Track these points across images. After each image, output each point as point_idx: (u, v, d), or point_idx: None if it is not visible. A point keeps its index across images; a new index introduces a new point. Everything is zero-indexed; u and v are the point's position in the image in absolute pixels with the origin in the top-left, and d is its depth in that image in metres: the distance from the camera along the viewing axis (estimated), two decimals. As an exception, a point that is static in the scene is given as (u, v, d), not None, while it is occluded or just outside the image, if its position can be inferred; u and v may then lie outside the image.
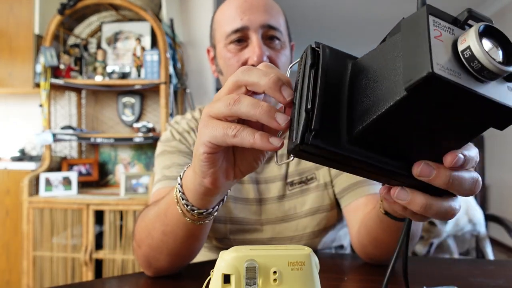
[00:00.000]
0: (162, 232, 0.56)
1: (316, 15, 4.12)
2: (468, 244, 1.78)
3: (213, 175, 0.43)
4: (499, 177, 3.67)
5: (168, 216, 0.54)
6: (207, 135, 0.39)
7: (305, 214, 0.80)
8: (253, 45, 0.75)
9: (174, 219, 0.53)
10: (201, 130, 0.41)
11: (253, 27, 0.75)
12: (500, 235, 3.29)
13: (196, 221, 0.50)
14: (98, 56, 2.19)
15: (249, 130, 0.37)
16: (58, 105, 2.29)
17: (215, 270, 0.39)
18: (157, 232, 0.57)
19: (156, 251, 0.59)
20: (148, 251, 0.60)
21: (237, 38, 0.76)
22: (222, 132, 0.38)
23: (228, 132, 0.37)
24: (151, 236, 0.59)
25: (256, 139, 0.36)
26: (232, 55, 0.77)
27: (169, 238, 0.56)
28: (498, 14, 3.79)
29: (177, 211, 0.50)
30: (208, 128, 0.39)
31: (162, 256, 0.59)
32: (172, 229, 0.54)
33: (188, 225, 0.52)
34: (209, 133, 0.39)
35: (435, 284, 0.59)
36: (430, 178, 0.33)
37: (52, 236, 1.96)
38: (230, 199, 0.80)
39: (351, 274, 0.69)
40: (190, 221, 0.50)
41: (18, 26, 2.28)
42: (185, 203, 0.48)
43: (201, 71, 2.50)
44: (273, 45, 0.77)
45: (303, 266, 0.39)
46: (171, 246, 0.57)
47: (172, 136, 0.83)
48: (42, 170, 2.05)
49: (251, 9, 0.76)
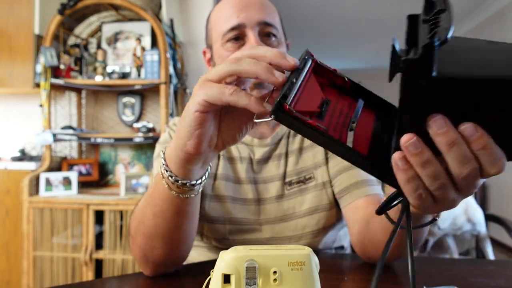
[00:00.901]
0: (153, 215, 0.57)
1: (316, 15, 4.12)
2: (468, 244, 1.78)
3: (198, 137, 0.45)
4: (499, 177, 3.64)
5: (156, 196, 0.55)
6: (203, 94, 0.42)
7: (304, 214, 0.80)
8: (250, 41, 0.75)
9: (161, 197, 0.54)
10: (195, 91, 0.43)
11: (249, 24, 0.75)
12: (500, 235, 3.29)
13: (181, 194, 0.52)
14: (98, 56, 2.19)
15: (245, 92, 0.41)
16: (58, 105, 2.29)
17: (215, 270, 0.39)
18: (148, 217, 0.58)
19: (150, 238, 0.60)
20: (143, 241, 0.61)
21: (234, 36, 0.76)
22: (218, 90, 0.41)
23: (224, 91, 0.41)
24: (143, 223, 0.60)
25: (251, 100, 0.40)
26: (229, 53, 0.77)
27: (160, 220, 0.57)
28: (498, 14, 3.79)
29: (163, 188, 0.52)
30: (204, 88, 0.42)
31: (157, 242, 0.60)
32: (161, 209, 0.56)
33: (174, 200, 0.54)
34: (205, 92, 0.42)
35: (435, 284, 0.59)
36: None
37: (52, 236, 1.96)
38: (229, 200, 0.80)
39: (351, 274, 0.69)
40: (175, 195, 0.52)
41: (18, 26, 2.28)
42: (169, 174, 0.50)
43: (201, 71, 2.50)
44: (270, 42, 0.78)
45: (303, 266, 0.39)
46: (163, 228, 0.58)
47: (170, 138, 0.83)
48: (42, 170, 2.05)
49: (247, 7, 0.76)
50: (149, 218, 0.58)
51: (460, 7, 3.95)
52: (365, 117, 0.41)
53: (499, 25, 3.77)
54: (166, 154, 0.52)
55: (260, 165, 0.83)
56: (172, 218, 0.57)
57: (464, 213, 1.61)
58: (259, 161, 0.83)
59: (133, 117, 2.34)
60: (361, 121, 0.40)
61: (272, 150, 0.84)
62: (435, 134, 0.32)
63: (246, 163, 0.82)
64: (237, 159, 0.83)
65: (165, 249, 0.61)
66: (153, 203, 0.57)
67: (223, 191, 0.80)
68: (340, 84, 0.43)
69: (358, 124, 0.39)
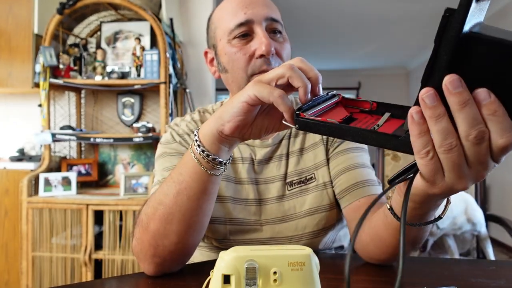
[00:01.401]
0: (177, 192, 0.59)
1: (318, 13, 4.12)
2: (469, 245, 1.77)
3: (237, 122, 0.52)
4: (499, 177, 3.67)
5: (183, 173, 0.59)
6: (255, 90, 0.49)
7: (305, 214, 0.80)
8: (259, 36, 0.75)
9: (189, 173, 0.58)
10: (248, 87, 0.50)
11: (257, 20, 0.75)
12: (500, 235, 3.30)
13: (209, 170, 0.57)
14: (98, 56, 2.19)
15: (288, 98, 0.48)
16: (58, 105, 2.29)
17: (215, 270, 0.39)
18: (170, 196, 0.60)
19: (167, 221, 0.60)
20: (158, 226, 0.61)
21: (242, 32, 0.76)
22: (269, 90, 0.48)
23: (274, 93, 0.48)
24: (163, 204, 0.60)
25: (290, 108, 0.47)
26: (237, 49, 0.76)
27: (183, 197, 0.59)
28: (498, 14, 3.79)
29: (192, 164, 0.57)
30: (256, 86, 0.49)
31: (174, 226, 0.60)
32: (187, 185, 0.58)
33: (202, 176, 0.57)
34: (257, 89, 0.49)
35: (436, 284, 0.59)
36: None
37: (51, 236, 1.96)
38: (230, 200, 0.80)
39: (351, 274, 0.69)
40: (204, 170, 0.56)
41: (17, 25, 2.28)
42: (201, 149, 0.55)
43: (201, 71, 2.50)
44: (276, 38, 0.78)
45: (303, 267, 0.39)
46: (185, 207, 0.59)
47: (172, 138, 0.83)
48: (41, 170, 2.05)
49: (252, 4, 0.76)
50: (170, 197, 0.59)
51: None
52: (391, 123, 0.44)
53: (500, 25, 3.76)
54: (200, 132, 0.57)
55: (261, 165, 0.83)
56: (196, 196, 0.59)
57: (463, 213, 1.61)
58: (260, 161, 0.83)
59: (132, 117, 2.33)
60: (386, 125, 0.44)
61: (273, 150, 0.84)
62: (449, 93, 0.33)
63: (248, 163, 0.82)
64: (239, 159, 0.83)
65: (178, 236, 0.61)
66: (179, 181, 0.59)
67: (224, 192, 0.79)
68: (368, 108, 0.48)
69: (382, 126, 0.44)
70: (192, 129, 0.85)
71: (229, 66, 0.78)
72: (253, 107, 0.51)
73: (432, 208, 0.49)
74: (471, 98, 0.33)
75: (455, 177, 0.37)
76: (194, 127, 0.85)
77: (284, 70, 0.49)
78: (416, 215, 0.50)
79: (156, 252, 0.62)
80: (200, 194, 0.59)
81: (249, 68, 0.76)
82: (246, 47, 0.76)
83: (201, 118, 0.88)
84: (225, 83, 0.83)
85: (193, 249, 0.66)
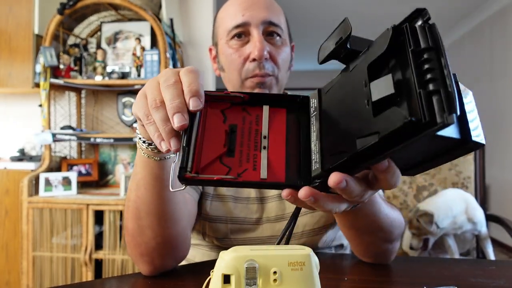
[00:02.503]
0: (136, 185, 0.58)
1: (318, 13, 4.11)
2: (469, 245, 1.77)
3: None
4: (499, 177, 3.66)
5: (137, 164, 0.57)
6: (140, 129, 0.50)
7: (305, 212, 0.80)
8: (254, 40, 0.76)
9: (140, 164, 0.56)
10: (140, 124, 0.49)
11: (254, 23, 0.76)
12: (500, 235, 3.29)
13: (154, 156, 0.53)
14: (98, 56, 2.19)
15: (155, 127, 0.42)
16: (58, 105, 2.29)
17: (215, 270, 0.39)
18: (132, 191, 0.59)
19: (137, 217, 0.59)
20: (133, 224, 0.60)
21: (237, 32, 0.77)
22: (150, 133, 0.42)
23: (154, 136, 0.42)
24: (129, 200, 0.60)
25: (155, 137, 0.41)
26: (233, 50, 0.78)
27: (142, 190, 0.58)
28: (498, 14, 3.79)
29: (140, 153, 0.55)
30: (140, 128, 0.50)
31: (145, 220, 0.59)
32: (141, 176, 0.57)
33: (150, 164, 0.55)
34: (141, 130, 0.50)
35: (435, 284, 0.59)
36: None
37: (51, 236, 1.96)
38: (231, 199, 0.80)
39: (351, 274, 0.69)
40: (147, 157, 0.54)
41: (17, 26, 2.28)
42: (138, 137, 0.52)
43: (201, 70, 2.50)
44: (274, 41, 0.78)
45: (303, 266, 0.39)
46: (147, 199, 0.58)
47: None
48: (41, 170, 2.05)
49: (253, 6, 0.77)
50: (133, 192, 0.59)
51: (460, 6, 3.95)
52: (275, 121, 0.42)
53: (499, 25, 3.77)
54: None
55: None
56: (151, 185, 0.57)
57: (464, 213, 1.61)
58: None
59: (132, 117, 2.33)
60: (272, 130, 0.41)
61: None
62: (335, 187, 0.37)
63: None
64: None
65: (152, 230, 0.60)
66: (135, 173, 0.58)
67: (225, 191, 0.80)
68: (240, 101, 0.43)
69: (269, 136, 0.41)
70: None
71: (226, 66, 0.80)
72: None
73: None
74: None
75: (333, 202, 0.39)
76: None
77: (141, 115, 0.43)
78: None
79: (141, 250, 0.62)
80: (154, 181, 0.57)
81: (243, 71, 0.78)
82: (242, 49, 0.77)
83: None
84: (223, 81, 0.85)
85: (177, 242, 0.64)
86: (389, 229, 0.65)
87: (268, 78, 0.78)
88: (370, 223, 0.62)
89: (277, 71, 0.79)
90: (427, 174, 1.76)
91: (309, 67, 6.82)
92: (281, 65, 0.80)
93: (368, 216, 0.60)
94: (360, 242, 0.68)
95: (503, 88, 3.69)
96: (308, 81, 6.95)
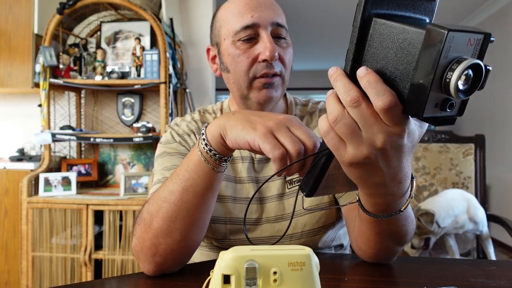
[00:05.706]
0: (182, 189, 0.60)
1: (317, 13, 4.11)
2: (470, 245, 1.77)
3: (237, 147, 0.57)
4: (499, 177, 3.66)
5: (189, 170, 0.60)
6: (261, 141, 0.53)
7: (304, 212, 0.80)
8: (264, 41, 0.75)
9: (196, 171, 0.60)
10: (258, 132, 0.54)
11: (263, 24, 0.76)
12: (501, 235, 3.29)
13: (215, 167, 0.59)
14: (98, 56, 2.19)
15: (286, 160, 0.52)
16: (57, 105, 2.29)
17: (215, 270, 0.39)
18: (175, 194, 0.61)
19: (171, 219, 0.60)
20: (161, 224, 0.61)
21: (247, 36, 0.76)
22: (272, 146, 0.52)
23: (275, 152, 0.52)
24: (168, 202, 0.61)
25: (282, 168, 0.52)
26: (241, 52, 0.77)
27: (189, 194, 0.60)
28: (498, 14, 3.79)
29: (198, 160, 0.59)
30: (264, 137, 0.53)
31: (177, 224, 0.61)
32: (193, 182, 0.60)
33: (208, 173, 0.59)
34: (263, 141, 0.53)
35: (436, 284, 0.58)
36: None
37: (51, 236, 1.96)
38: (230, 200, 0.80)
39: (351, 274, 0.69)
40: (211, 167, 0.59)
41: (17, 25, 2.28)
42: (208, 148, 0.58)
43: (201, 70, 2.50)
44: (280, 43, 0.79)
45: (303, 267, 0.39)
46: (190, 203, 0.60)
47: (172, 138, 0.83)
48: (41, 170, 2.05)
49: (260, 7, 0.76)
50: (176, 195, 0.60)
51: (462, 5, 3.95)
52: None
53: (499, 25, 3.77)
54: (208, 131, 0.59)
55: (262, 164, 0.83)
56: (202, 192, 0.60)
57: (465, 212, 1.61)
58: (261, 160, 0.83)
59: (132, 117, 2.33)
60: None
61: None
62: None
63: (248, 162, 0.83)
64: (238, 158, 0.83)
65: (182, 233, 0.61)
66: (185, 178, 0.60)
67: (224, 191, 0.80)
68: None
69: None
70: (192, 129, 0.85)
71: (232, 67, 0.79)
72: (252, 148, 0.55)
73: (389, 199, 0.50)
74: (340, 74, 0.42)
75: (354, 145, 0.41)
76: (194, 127, 0.85)
77: (292, 150, 0.51)
78: (377, 205, 0.52)
79: (158, 251, 0.62)
80: (206, 190, 0.60)
81: (251, 71, 0.77)
82: (250, 50, 0.77)
83: (201, 118, 0.88)
84: (226, 82, 0.83)
85: (195, 248, 0.66)
86: (410, 232, 0.65)
87: (276, 78, 0.78)
88: (400, 229, 0.62)
89: (284, 71, 0.79)
90: (427, 174, 1.76)
91: (309, 67, 6.82)
92: (288, 65, 0.80)
93: (401, 221, 0.59)
94: (377, 246, 0.66)
95: (503, 88, 3.69)
96: (308, 81, 6.95)
